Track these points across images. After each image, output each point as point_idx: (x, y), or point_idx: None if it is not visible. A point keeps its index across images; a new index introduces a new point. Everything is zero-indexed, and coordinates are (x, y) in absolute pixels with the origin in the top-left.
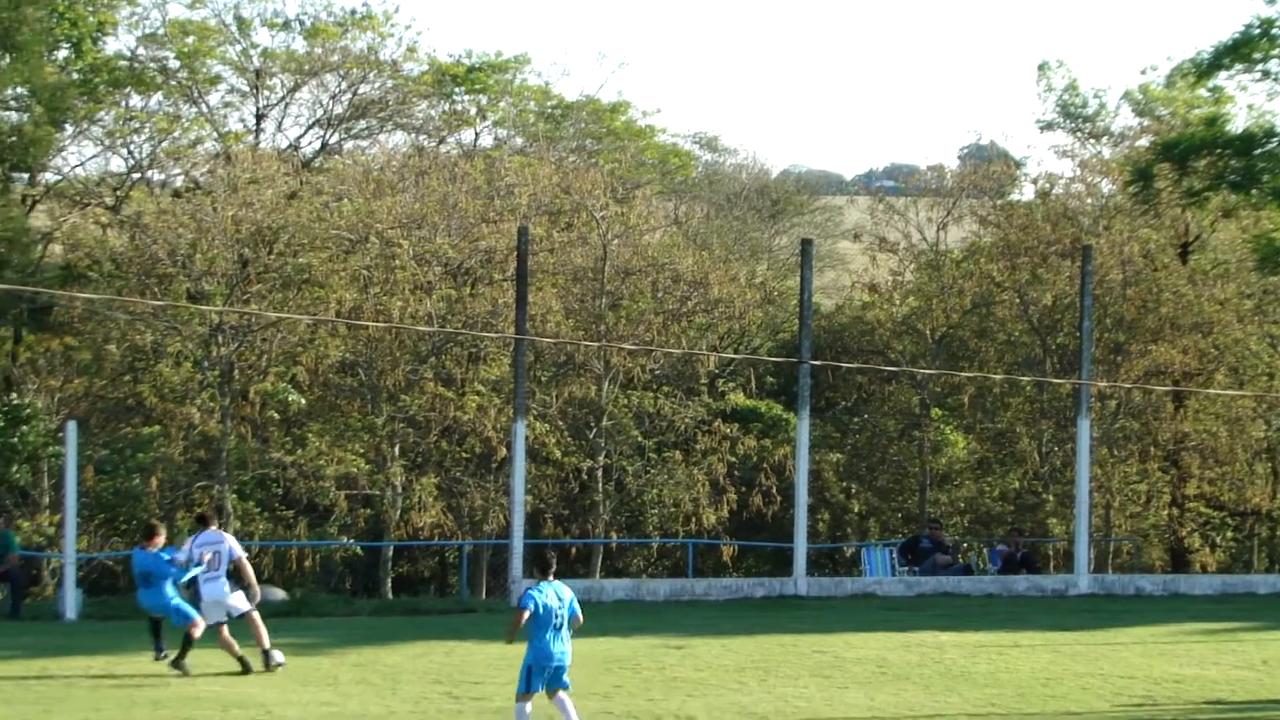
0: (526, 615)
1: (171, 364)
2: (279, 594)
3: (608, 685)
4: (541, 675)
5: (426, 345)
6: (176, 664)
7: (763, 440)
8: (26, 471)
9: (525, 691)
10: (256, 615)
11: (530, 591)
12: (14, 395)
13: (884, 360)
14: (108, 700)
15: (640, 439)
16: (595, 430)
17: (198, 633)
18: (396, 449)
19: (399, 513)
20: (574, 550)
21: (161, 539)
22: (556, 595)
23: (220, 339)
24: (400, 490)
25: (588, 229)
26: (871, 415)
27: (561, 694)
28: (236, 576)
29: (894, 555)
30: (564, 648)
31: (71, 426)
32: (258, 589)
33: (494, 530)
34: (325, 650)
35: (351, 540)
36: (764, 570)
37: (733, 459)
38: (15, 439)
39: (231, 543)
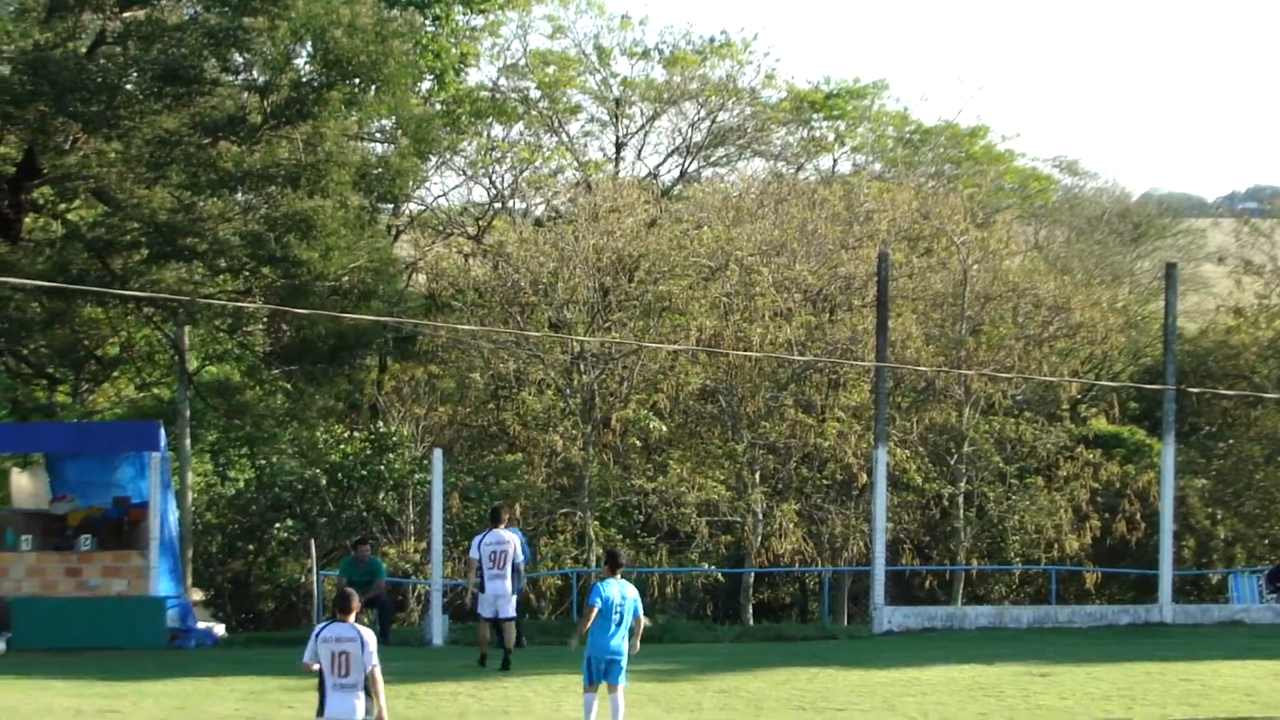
0: (596, 611)
1: (534, 392)
2: (644, 622)
3: (973, 713)
4: (599, 667)
5: (786, 372)
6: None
7: (1125, 466)
8: (393, 499)
9: (590, 683)
10: (514, 625)
11: (597, 586)
12: (380, 423)
13: (1249, 385)
14: None
15: (1001, 465)
16: (956, 456)
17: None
18: (757, 475)
19: (760, 539)
20: (931, 579)
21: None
22: (620, 592)
23: (582, 367)
24: (761, 516)
25: (947, 254)
26: (1237, 440)
27: (618, 692)
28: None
29: (1262, 582)
30: (620, 643)
31: (437, 454)
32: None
33: (854, 557)
34: (688, 676)
35: (713, 566)
36: (1128, 597)
37: (1095, 485)
38: (382, 466)
39: (517, 545)
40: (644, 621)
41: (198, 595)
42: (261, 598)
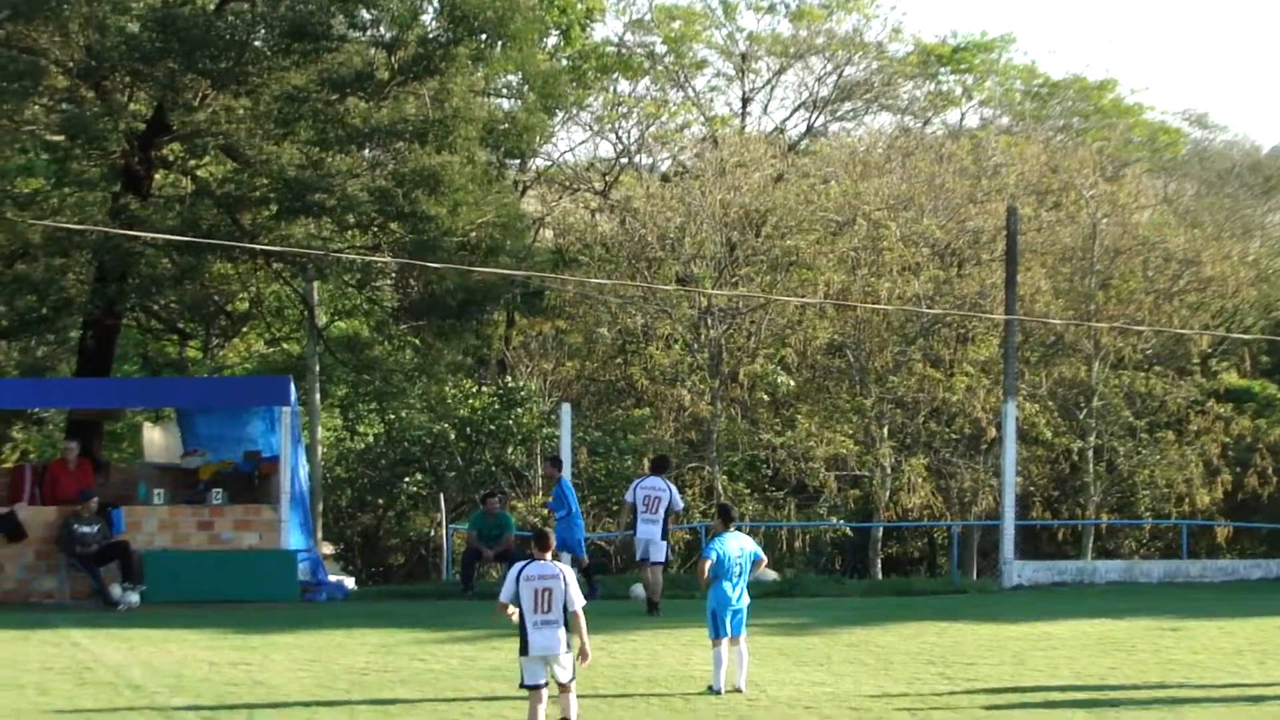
0: (709, 564)
1: (662, 347)
2: (770, 575)
3: (1103, 667)
4: (724, 619)
5: (914, 326)
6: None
7: (1256, 420)
8: (521, 453)
9: (716, 636)
10: (660, 570)
11: (712, 542)
12: (508, 378)
13: None
14: (601, 678)
15: (1131, 419)
16: (1085, 411)
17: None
18: (885, 430)
19: (888, 493)
20: (1061, 534)
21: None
22: (737, 545)
23: (709, 321)
24: (889, 471)
25: (1076, 208)
26: None
27: (741, 643)
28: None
29: None
30: (743, 593)
31: (565, 409)
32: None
33: (983, 511)
34: (817, 630)
35: (841, 521)
36: (1259, 552)
37: (1226, 439)
38: (510, 421)
39: (674, 493)
40: (764, 561)
41: (328, 549)
42: (391, 551)
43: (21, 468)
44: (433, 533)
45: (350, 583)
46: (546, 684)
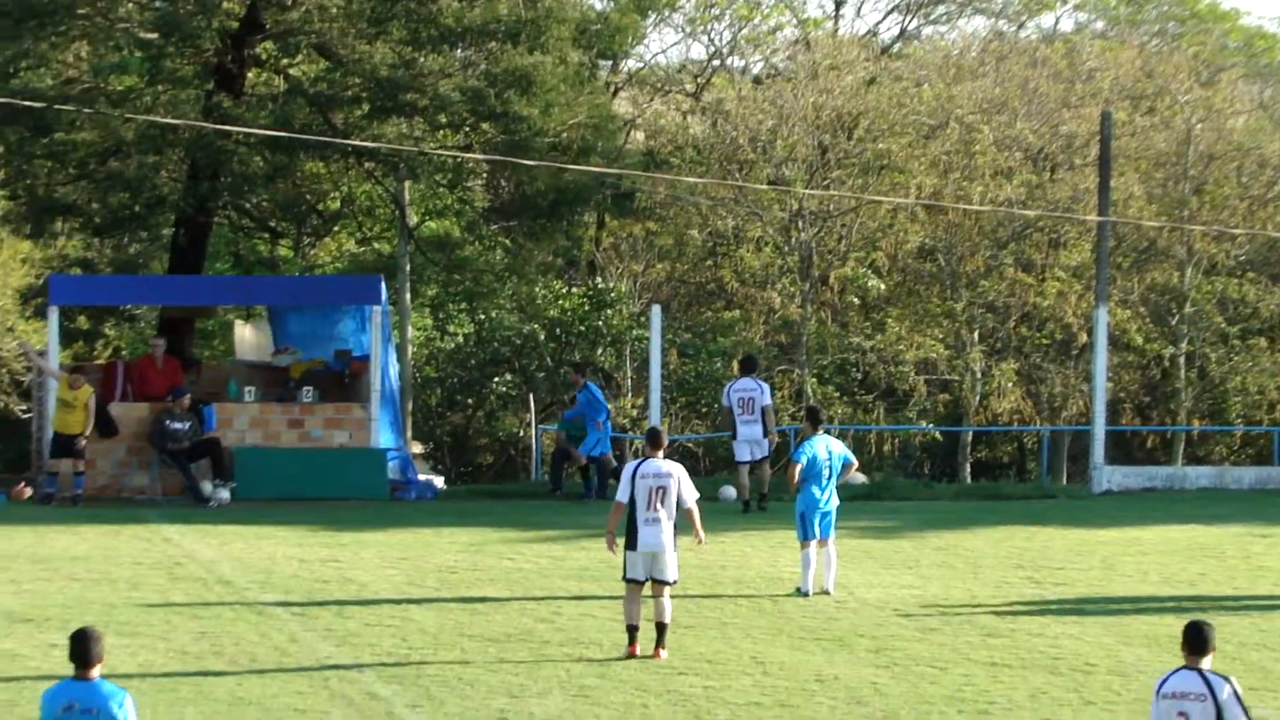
0: (800, 467)
1: (752, 249)
2: (860, 478)
3: (1193, 573)
4: (812, 521)
5: (1006, 231)
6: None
7: None
8: (611, 354)
9: (805, 538)
10: (767, 465)
11: (802, 445)
12: (598, 279)
13: None
14: (690, 579)
15: (1224, 326)
16: (1177, 317)
17: None
18: (975, 334)
19: (978, 398)
20: (1151, 439)
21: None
22: (826, 448)
23: (800, 224)
24: (979, 376)
25: (1170, 113)
26: None
27: (829, 545)
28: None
29: None
30: (831, 496)
31: (656, 310)
32: (775, 436)
33: (1073, 416)
34: (905, 534)
35: (930, 425)
36: None
37: None
38: (600, 322)
39: (764, 391)
40: (854, 465)
41: (417, 448)
42: (480, 451)
43: (113, 364)
44: (522, 433)
45: (439, 482)
46: (646, 581)
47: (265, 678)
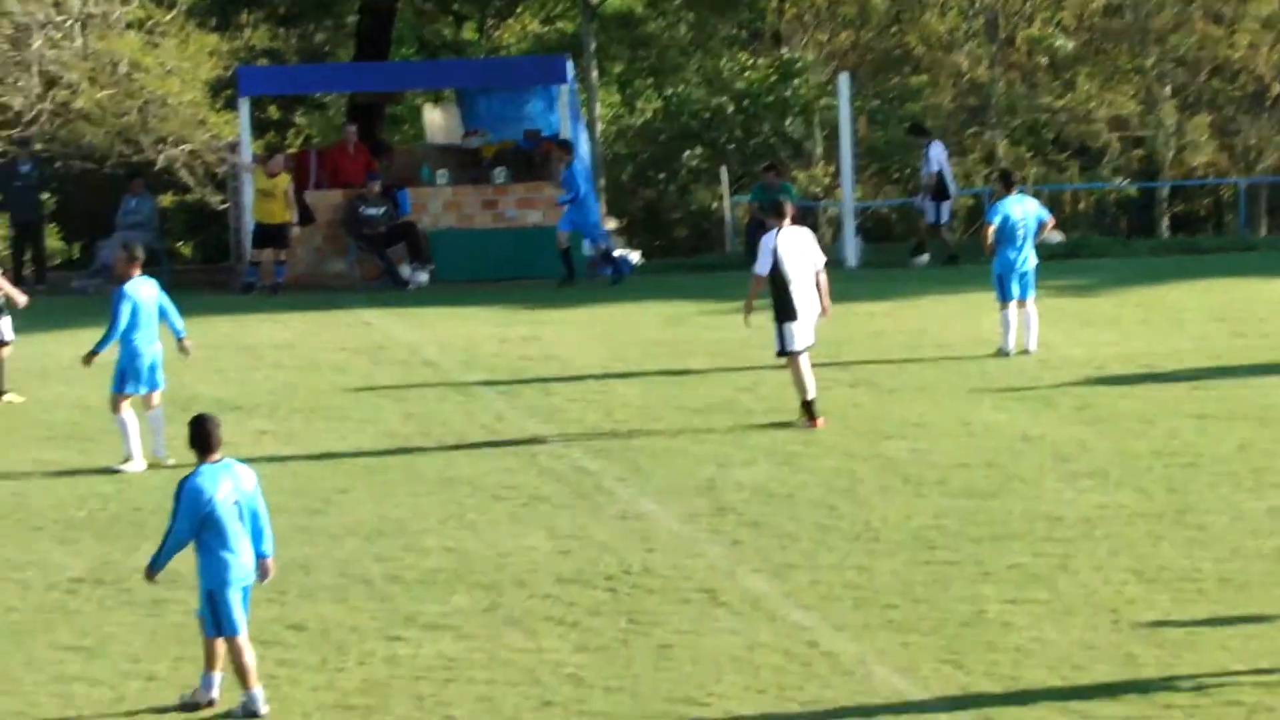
0: (993, 229)
1: (937, 13)
2: (1056, 236)
3: None
4: (1010, 282)
5: None
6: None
7: None
8: (800, 124)
9: (1004, 299)
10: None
11: (996, 205)
12: (784, 50)
13: None
14: (891, 344)
15: None
16: None
17: None
18: (1167, 89)
19: (1172, 153)
20: None
21: None
22: (1021, 209)
23: None
24: (1173, 130)
25: None
26: None
27: (1029, 305)
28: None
29: None
30: (1029, 256)
31: (843, 78)
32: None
33: (1270, 168)
34: (1104, 291)
35: (1125, 181)
36: None
37: None
38: (787, 93)
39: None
40: (1051, 223)
41: (612, 224)
42: (674, 225)
43: (305, 152)
44: (715, 205)
45: (636, 256)
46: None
47: (474, 455)
